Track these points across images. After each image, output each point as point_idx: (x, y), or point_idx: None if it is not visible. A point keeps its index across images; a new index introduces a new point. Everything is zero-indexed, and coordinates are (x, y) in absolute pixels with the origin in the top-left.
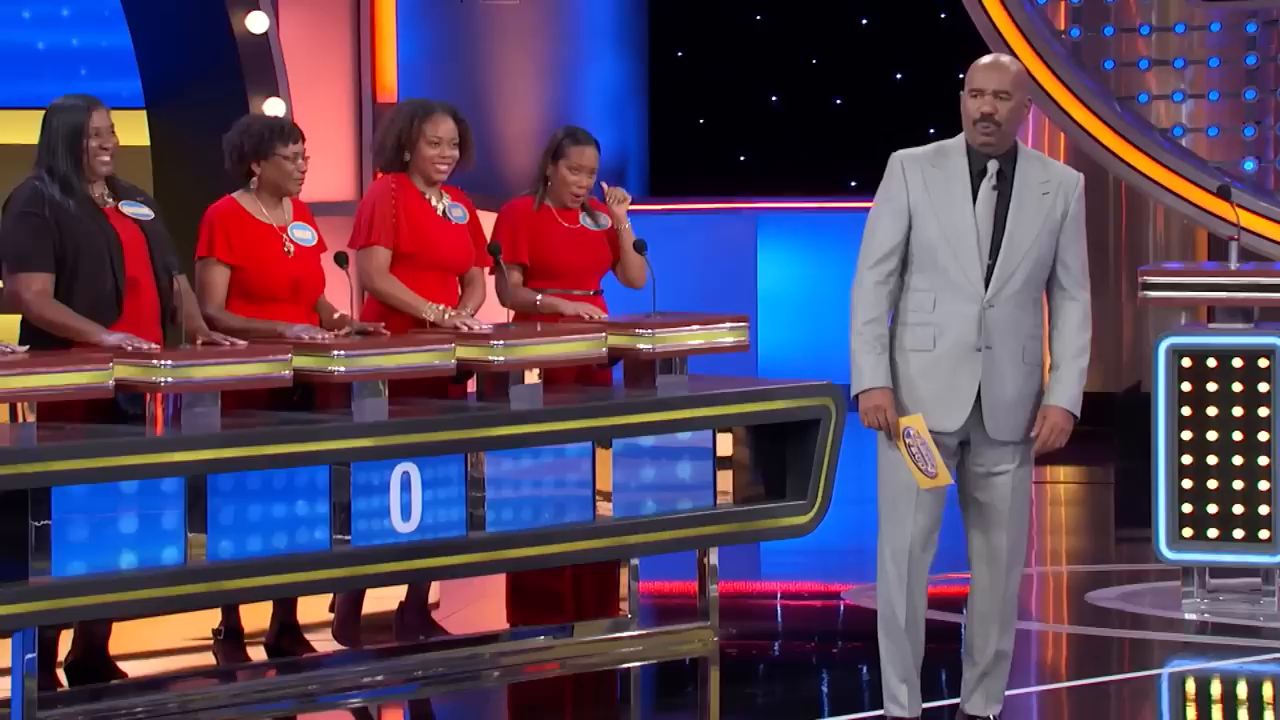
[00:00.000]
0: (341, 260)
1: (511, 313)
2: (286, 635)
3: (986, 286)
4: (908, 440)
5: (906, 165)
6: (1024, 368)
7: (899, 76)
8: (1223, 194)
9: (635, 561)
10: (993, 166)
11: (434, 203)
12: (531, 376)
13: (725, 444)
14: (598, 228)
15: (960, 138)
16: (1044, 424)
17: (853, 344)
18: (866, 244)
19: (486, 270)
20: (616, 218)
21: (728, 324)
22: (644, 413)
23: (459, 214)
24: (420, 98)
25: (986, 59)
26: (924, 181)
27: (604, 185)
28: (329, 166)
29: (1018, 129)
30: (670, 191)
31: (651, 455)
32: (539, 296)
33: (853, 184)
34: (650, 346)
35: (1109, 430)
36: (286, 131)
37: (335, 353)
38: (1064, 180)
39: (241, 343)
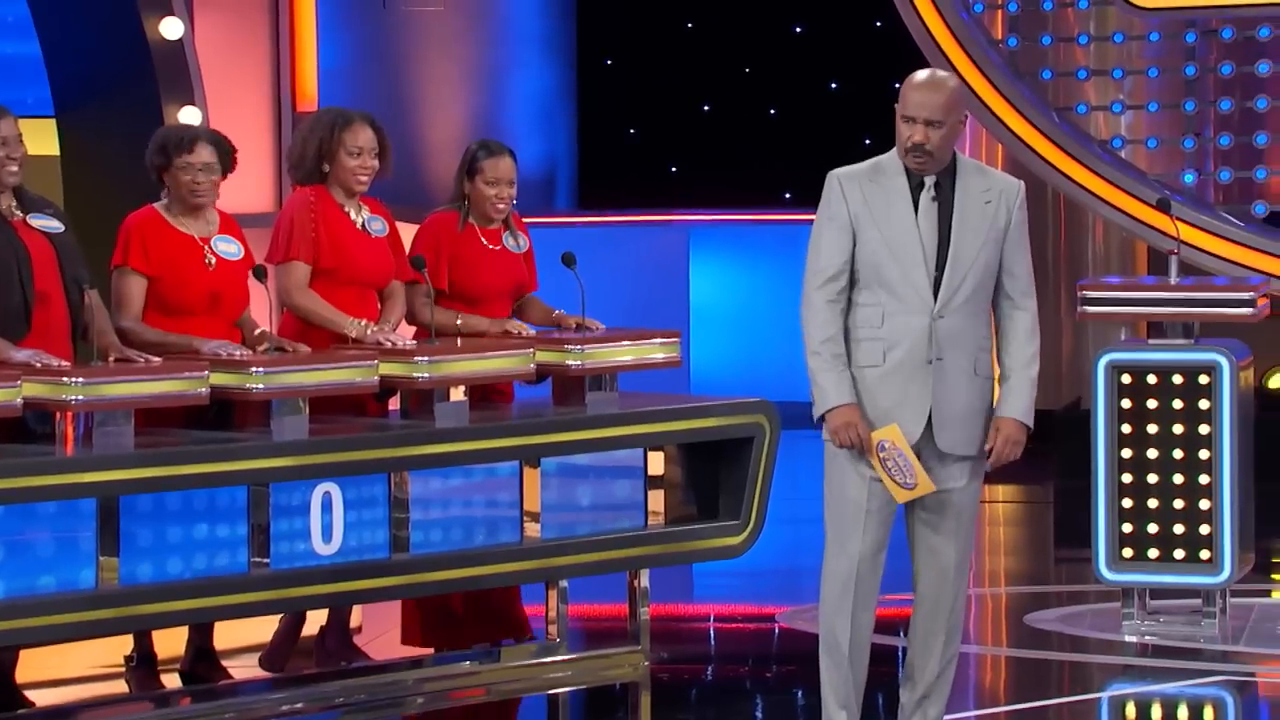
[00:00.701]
0: (260, 274)
1: (414, 328)
2: (202, 661)
3: (935, 297)
4: (882, 454)
5: (844, 182)
6: (975, 380)
7: (834, 86)
8: (1162, 207)
9: (564, 584)
10: (930, 180)
11: (353, 216)
12: (457, 394)
13: (657, 463)
14: (519, 249)
15: (895, 153)
16: (997, 436)
17: (811, 365)
18: (812, 263)
19: (422, 286)
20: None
21: (659, 339)
22: (573, 431)
23: (378, 227)
24: (336, 106)
25: (920, 78)
26: (863, 196)
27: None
28: (247, 177)
29: (951, 149)
30: (600, 203)
31: (581, 474)
32: (460, 317)
33: (787, 196)
34: (579, 362)
35: (1048, 448)
36: (183, 141)
37: (254, 369)
38: (1005, 188)
39: (156, 359)
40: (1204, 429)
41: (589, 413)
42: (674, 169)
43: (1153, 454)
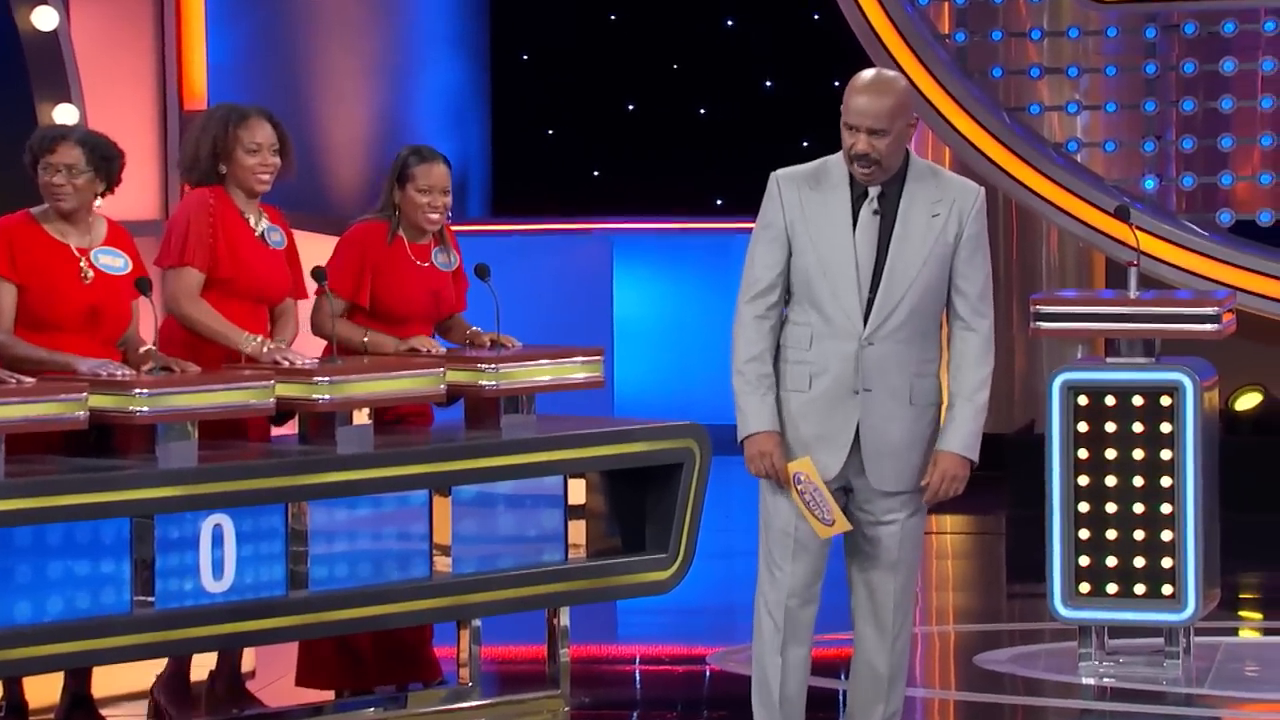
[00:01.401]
0: (144, 286)
1: (323, 345)
2: (79, 710)
3: (865, 323)
4: (799, 487)
5: (783, 186)
6: (912, 410)
7: (769, 84)
8: (1121, 215)
9: (477, 623)
10: (874, 190)
11: (253, 223)
12: (360, 417)
13: (578, 491)
14: (449, 267)
15: (842, 154)
16: (935, 471)
17: (735, 385)
18: (746, 274)
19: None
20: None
21: (580, 358)
22: (487, 457)
23: (277, 238)
24: (230, 102)
25: (863, 81)
26: (801, 204)
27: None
28: (129, 181)
29: (901, 155)
30: (515, 210)
31: (496, 504)
32: (366, 334)
33: (718, 202)
34: (494, 383)
35: (999, 475)
36: (45, 140)
37: (137, 391)
38: (960, 196)
39: (29, 380)
40: (1166, 454)
41: (504, 437)
42: (596, 173)
43: (1111, 481)
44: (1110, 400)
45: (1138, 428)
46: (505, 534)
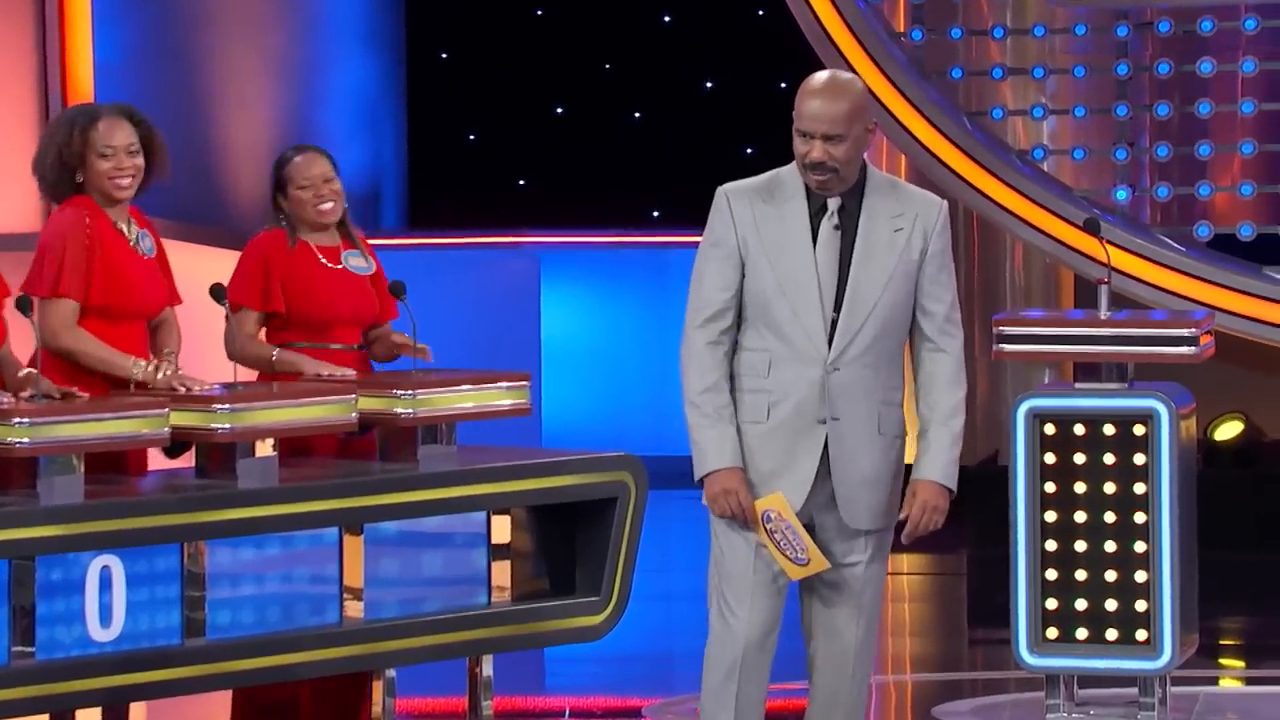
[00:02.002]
0: (25, 306)
1: (238, 368)
2: None
3: (829, 346)
4: (768, 526)
5: (734, 201)
6: (880, 440)
7: (710, 85)
8: (1091, 228)
9: (391, 673)
10: (834, 203)
11: (127, 233)
12: (264, 448)
13: (502, 529)
14: (365, 271)
15: (795, 165)
16: (914, 502)
17: (690, 418)
18: (694, 297)
19: (250, 314)
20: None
21: (505, 383)
22: (402, 491)
23: (148, 245)
24: (83, 104)
25: (816, 84)
26: (755, 220)
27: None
28: (5, 191)
29: (859, 163)
30: (433, 222)
31: (411, 543)
32: (275, 351)
33: (655, 215)
34: (410, 411)
35: (961, 511)
36: None
37: (17, 420)
38: (922, 210)
39: None
40: (1140, 488)
41: (421, 470)
42: (521, 182)
43: (1081, 517)
44: (1079, 429)
45: (1109, 459)
46: (423, 575)
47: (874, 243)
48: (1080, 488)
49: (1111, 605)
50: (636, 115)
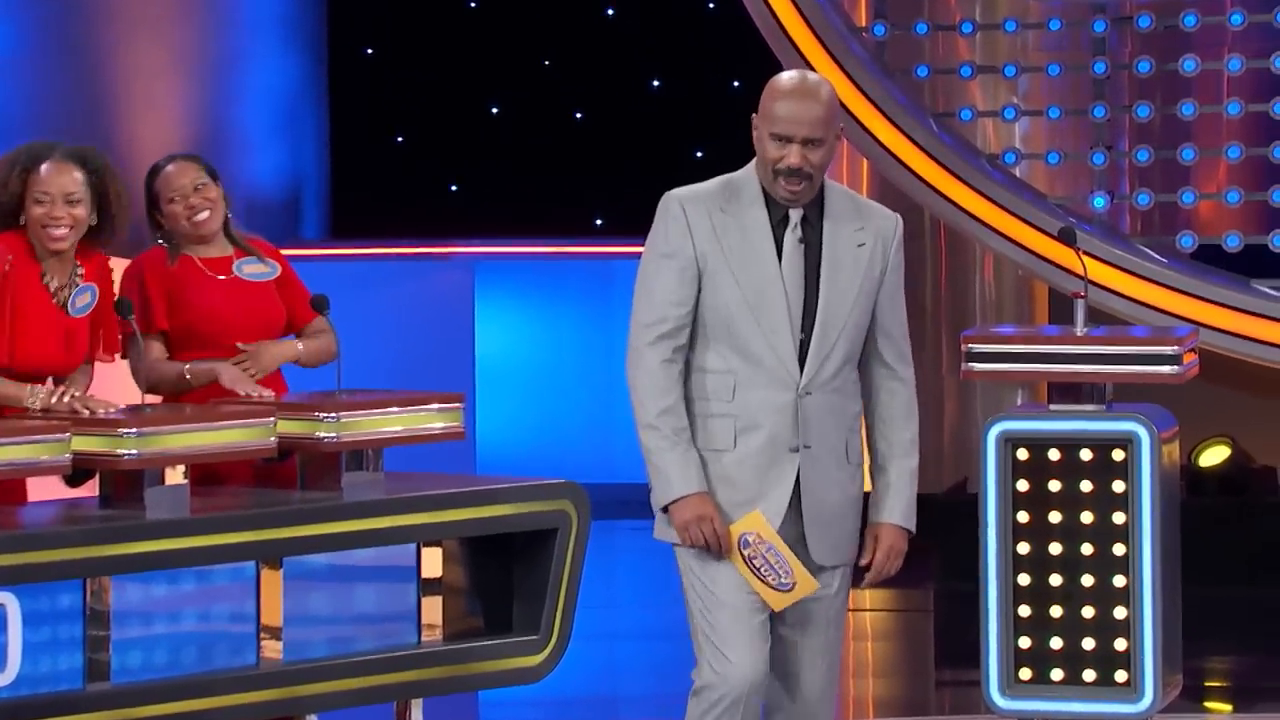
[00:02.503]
0: None
1: (148, 396)
2: None
3: (801, 369)
4: (746, 552)
5: (690, 209)
6: (847, 469)
7: (657, 84)
8: (1066, 238)
9: (313, 718)
10: (796, 215)
11: (50, 285)
12: (174, 475)
13: (433, 562)
14: (264, 276)
15: (751, 171)
16: (877, 546)
17: (646, 442)
18: (643, 310)
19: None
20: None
21: (436, 405)
22: (325, 522)
23: (83, 302)
24: (41, 142)
25: (790, 84)
26: (714, 230)
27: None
28: None
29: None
30: (358, 232)
31: (335, 578)
32: (187, 366)
33: (598, 222)
34: (333, 435)
35: (926, 543)
36: None
37: None
38: (881, 225)
39: None
40: (1119, 518)
41: (345, 499)
42: (454, 187)
43: (1056, 549)
44: (1054, 454)
45: (1086, 486)
46: (347, 613)
47: (839, 258)
48: (1055, 517)
49: (1089, 644)
50: (578, 115)
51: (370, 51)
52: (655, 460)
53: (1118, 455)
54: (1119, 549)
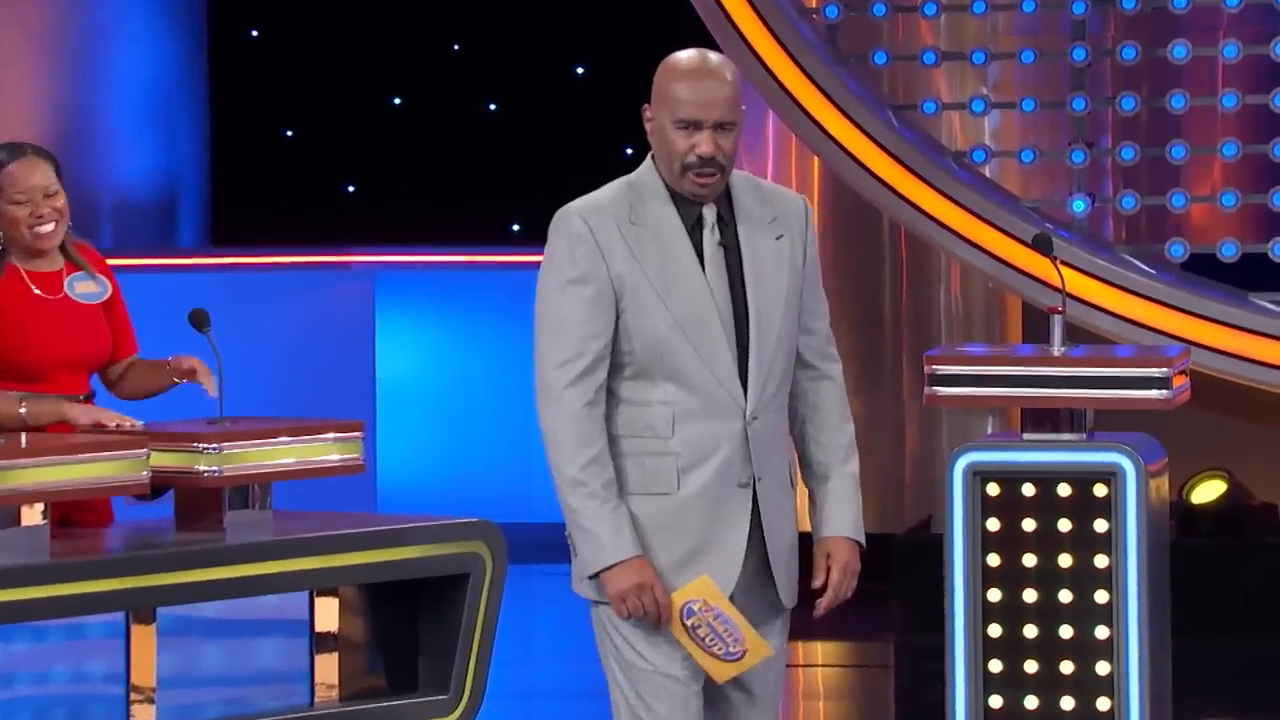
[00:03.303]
0: None
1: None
2: None
3: (746, 392)
4: (690, 621)
5: (596, 226)
6: (791, 495)
7: (581, 71)
8: (1041, 246)
9: None
10: (710, 213)
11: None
12: (32, 515)
13: (328, 613)
14: (96, 298)
15: (651, 170)
16: (831, 566)
17: (571, 500)
18: (554, 348)
19: None
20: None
21: (332, 434)
22: (204, 567)
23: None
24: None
25: (690, 63)
26: (629, 247)
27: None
28: None
29: None
30: (242, 238)
31: (216, 632)
32: (22, 403)
33: (515, 228)
34: (215, 469)
35: (884, 589)
36: None
37: None
38: (793, 212)
39: None
40: (1101, 561)
41: (228, 541)
42: (351, 189)
43: (1030, 597)
44: (1029, 490)
45: (1064, 526)
46: (230, 672)
47: (761, 256)
48: (1030, 561)
49: (1068, 704)
50: (492, 107)
51: (256, 34)
52: (583, 521)
53: (1100, 491)
54: (1101, 596)
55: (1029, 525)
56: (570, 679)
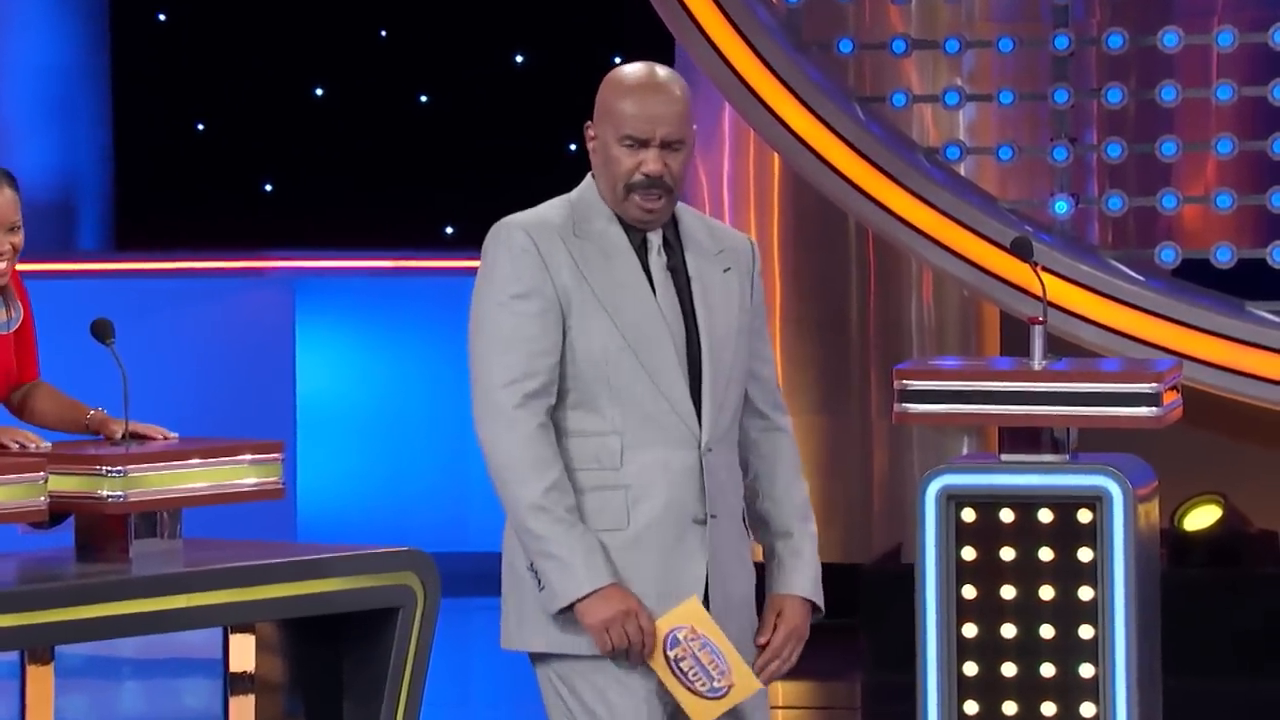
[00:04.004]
0: None
1: None
2: None
3: (700, 421)
4: (674, 653)
5: (541, 240)
6: (747, 540)
7: (520, 60)
8: (1021, 250)
9: None
10: (655, 238)
11: None
12: None
13: (243, 651)
14: (7, 327)
15: (592, 190)
16: (779, 625)
17: (536, 527)
18: (499, 367)
19: None
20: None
21: (249, 455)
22: (108, 601)
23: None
24: None
25: (641, 77)
26: (576, 263)
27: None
28: None
29: None
30: (148, 242)
31: (120, 672)
32: None
33: (448, 231)
34: (120, 494)
35: (851, 624)
36: None
37: None
38: (739, 249)
39: None
40: (1086, 593)
41: (134, 573)
42: (268, 187)
43: (1009, 632)
44: (1007, 516)
45: (1046, 555)
46: (136, 716)
47: (710, 287)
48: (1009, 593)
49: None
50: (423, 99)
51: (163, 18)
52: (552, 549)
53: (1084, 517)
54: (1086, 631)
55: (1008, 554)
56: None
